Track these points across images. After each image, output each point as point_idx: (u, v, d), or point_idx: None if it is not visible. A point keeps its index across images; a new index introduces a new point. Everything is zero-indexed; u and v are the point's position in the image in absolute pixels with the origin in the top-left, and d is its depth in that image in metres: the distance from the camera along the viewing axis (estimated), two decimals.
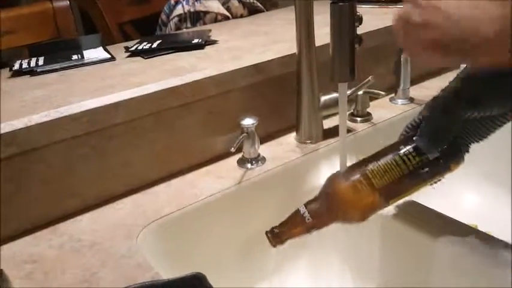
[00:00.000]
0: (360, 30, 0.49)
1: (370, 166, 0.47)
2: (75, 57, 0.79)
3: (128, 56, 0.80)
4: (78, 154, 0.58)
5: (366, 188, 0.46)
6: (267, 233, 0.49)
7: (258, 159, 0.66)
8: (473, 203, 0.83)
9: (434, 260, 0.51)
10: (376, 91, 0.73)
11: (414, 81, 0.86)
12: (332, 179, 0.49)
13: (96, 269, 0.49)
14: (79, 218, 0.59)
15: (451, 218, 0.53)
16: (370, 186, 0.46)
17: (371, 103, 0.78)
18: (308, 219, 0.47)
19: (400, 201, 0.50)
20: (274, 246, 0.49)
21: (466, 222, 0.53)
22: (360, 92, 0.73)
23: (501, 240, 0.48)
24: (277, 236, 0.48)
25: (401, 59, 0.79)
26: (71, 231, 0.56)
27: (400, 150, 0.46)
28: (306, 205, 0.48)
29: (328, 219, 0.48)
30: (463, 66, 0.47)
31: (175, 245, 0.57)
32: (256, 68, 0.68)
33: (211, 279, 0.43)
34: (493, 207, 0.80)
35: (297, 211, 0.48)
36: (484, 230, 0.51)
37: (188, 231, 0.58)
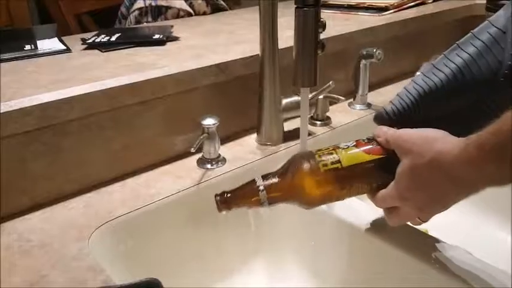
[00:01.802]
0: (321, 35, 0.50)
1: (343, 153, 0.46)
2: (28, 47, 0.75)
3: (85, 49, 0.77)
4: (29, 150, 0.55)
5: (332, 173, 0.45)
6: (216, 196, 0.47)
7: (218, 160, 0.66)
8: None
9: (383, 262, 0.52)
10: (335, 96, 0.75)
11: (372, 87, 0.89)
12: (298, 158, 0.48)
13: (45, 271, 0.47)
14: (28, 216, 0.56)
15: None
16: (335, 171, 0.46)
17: (330, 107, 0.79)
18: (262, 192, 0.46)
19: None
20: (220, 211, 0.47)
21: (417, 227, 0.55)
22: (320, 97, 0.74)
23: (449, 245, 0.50)
24: (226, 201, 0.47)
25: (360, 66, 0.81)
26: (19, 230, 0.53)
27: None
28: (263, 177, 0.47)
29: (282, 197, 0.47)
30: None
31: (128, 247, 0.56)
32: (219, 67, 0.68)
33: (167, 282, 0.42)
34: (444, 213, 0.84)
35: (253, 181, 0.47)
36: (434, 235, 0.53)
37: (143, 233, 0.57)
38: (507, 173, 0.34)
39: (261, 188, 0.46)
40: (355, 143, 0.48)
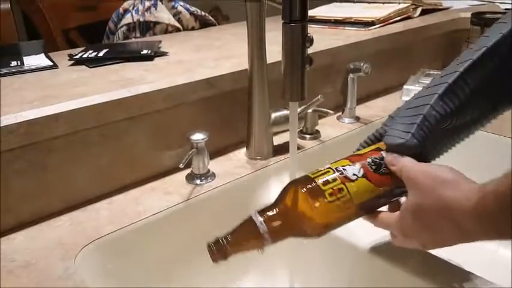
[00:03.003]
0: (309, 49, 0.50)
1: (353, 186, 0.42)
2: (14, 63, 0.74)
3: (72, 65, 0.76)
4: (13, 168, 0.54)
5: (343, 200, 0.42)
6: (210, 245, 0.41)
7: (208, 175, 0.65)
8: None
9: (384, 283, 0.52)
10: (324, 110, 0.75)
11: (360, 101, 0.89)
12: (295, 185, 0.43)
13: None
14: (13, 236, 0.55)
15: None
16: (345, 198, 0.42)
17: (319, 121, 0.79)
18: (264, 230, 0.40)
19: None
20: (216, 261, 0.41)
21: None
22: (309, 110, 0.75)
23: (440, 258, 0.49)
24: (223, 249, 0.40)
25: (348, 79, 0.82)
26: (3, 250, 0.52)
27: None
28: (260, 213, 0.41)
29: (287, 229, 0.41)
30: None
31: (116, 266, 0.54)
32: (207, 82, 0.67)
33: None
34: None
35: (250, 220, 0.41)
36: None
37: (130, 252, 0.56)
38: None
39: (261, 223, 0.40)
40: (363, 171, 0.43)
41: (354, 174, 0.42)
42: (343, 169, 0.43)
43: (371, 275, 0.53)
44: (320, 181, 0.42)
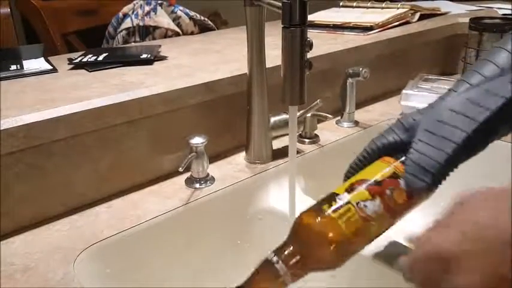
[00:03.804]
0: (308, 54, 0.50)
1: (375, 226, 0.40)
2: (13, 67, 0.75)
3: (72, 69, 0.76)
4: (13, 171, 0.54)
5: (363, 237, 0.40)
6: None
7: (207, 179, 0.65)
8: (417, 228, 0.85)
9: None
10: (323, 114, 0.75)
11: (359, 105, 0.89)
12: (301, 217, 0.41)
13: None
14: (11, 239, 0.54)
15: (396, 241, 0.54)
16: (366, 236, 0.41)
17: (318, 125, 0.79)
18: (282, 269, 0.38)
19: None
20: None
21: (409, 246, 0.54)
22: (308, 115, 0.75)
23: None
24: None
25: (347, 84, 0.82)
26: (2, 254, 0.52)
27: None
28: (276, 253, 0.39)
29: (306, 265, 0.39)
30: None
31: (115, 270, 0.54)
32: (207, 86, 0.68)
33: None
34: None
35: (267, 261, 0.39)
36: None
37: (130, 256, 0.56)
38: None
39: (280, 265, 0.38)
40: (383, 207, 0.41)
41: (375, 212, 0.41)
42: (364, 206, 0.40)
43: (371, 277, 0.53)
44: (340, 221, 0.39)
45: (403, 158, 0.43)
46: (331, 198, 0.41)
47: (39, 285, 0.47)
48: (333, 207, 0.40)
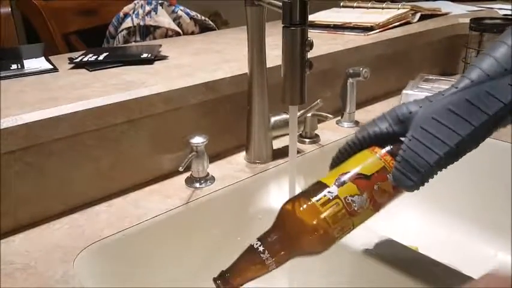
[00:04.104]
0: (309, 54, 0.51)
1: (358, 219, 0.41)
2: (14, 66, 0.75)
3: (72, 68, 0.76)
4: (13, 170, 0.54)
5: (346, 229, 0.41)
6: (215, 280, 0.41)
7: (207, 179, 0.65)
8: (414, 226, 0.86)
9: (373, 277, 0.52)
10: (323, 114, 0.75)
11: (359, 105, 0.89)
12: (288, 205, 0.42)
13: None
14: (11, 238, 0.55)
15: (393, 240, 0.54)
16: (348, 227, 0.41)
17: (319, 125, 0.79)
18: (265, 255, 0.40)
19: None
20: None
21: (407, 245, 0.54)
22: (309, 115, 0.75)
23: (438, 262, 0.49)
24: (229, 282, 0.40)
25: (347, 84, 0.82)
26: (2, 253, 0.52)
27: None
28: (259, 239, 0.41)
29: (289, 252, 0.41)
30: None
31: (115, 269, 0.54)
32: (207, 86, 0.68)
33: None
34: (433, 230, 0.84)
35: (251, 248, 0.41)
36: (424, 253, 0.53)
37: (130, 255, 0.56)
38: None
39: (261, 249, 0.40)
40: (369, 203, 0.42)
41: (361, 207, 0.41)
42: (352, 201, 0.41)
43: (370, 278, 0.53)
44: (327, 215, 0.40)
45: (389, 148, 0.43)
46: (319, 189, 0.42)
47: (39, 284, 0.47)
48: (321, 201, 0.41)
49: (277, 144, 0.74)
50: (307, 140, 0.78)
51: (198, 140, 0.61)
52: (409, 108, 0.43)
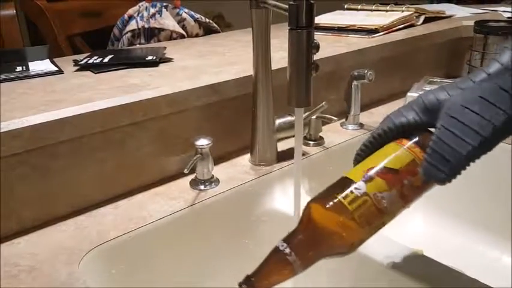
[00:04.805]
0: (314, 56, 0.50)
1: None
2: (19, 68, 0.75)
3: (77, 70, 0.76)
4: (17, 173, 0.54)
5: (376, 224, 0.39)
6: (240, 284, 0.39)
7: (212, 181, 0.65)
8: (419, 229, 0.85)
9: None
10: (328, 116, 0.75)
11: (364, 108, 0.89)
12: (315, 202, 0.40)
13: None
14: (16, 240, 0.55)
15: (398, 243, 0.54)
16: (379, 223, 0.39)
17: (323, 128, 0.79)
18: (291, 257, 0.38)
19: None
20: None
21: (412, 248, 0.54)
22: (313, 117, 0.75)
23: (443, 265, 0.49)
24: (255, 285, 0.38)
25: (352, 86, 0.82)
26: (7, 255, 0.52)
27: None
28: (285, 240, 0.39)
29: (316, 253, 0.39)
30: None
31: (121, 271, 0.54)
32: (212, 88, 0.68)
33: None
34: (438, 233, 0.84)
35: (276, 249, 0.38)
36: (429, 256, 0.52)
37: (136, 257, 0.56)
38: None
39: (287, 251, 0.38)
40: (399, 198, 0.40)
41: (391, 203, 0.39)
42: (382, 198, 0.39)
43: (374, 280, 0.53)
44: (356, 213, 0.38)
45: (418, 139, 0.41)
46: (345, 185, 0.40)
47: (44, 286, 0.47)
48: (349, 198, 0.39)
49: (281, 146, 0.73)
50: (311, 143, 0.77)
51: (202, 142, 0.61)
52: (437, 95, 0.40)
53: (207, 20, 1.14)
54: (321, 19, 1.12)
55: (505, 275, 0.70)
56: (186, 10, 1.13)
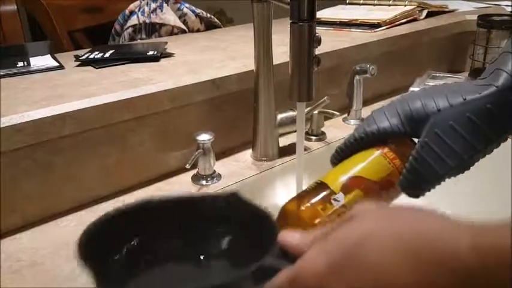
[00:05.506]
0: (315, 51, 0.50)
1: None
2: (20, 64, 0.75)
3: (78, 65, 0.76)
4: (20, 167, 0.54)
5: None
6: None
7: (213, 176, 0.65)
8: None
9: None
10: (330, 111, 0.75)
11: (366, 102, 0.89)
12: (290, 205, 0.43)
13: None
14: (19, 235, 0.55)
15: None
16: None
17: (325, 123, 0.79)
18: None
19: None
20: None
21: None
22: (315, 112, 0.74)
23: None
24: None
25: (354, 81, 0.81)
26: (10, 250, 0.52)
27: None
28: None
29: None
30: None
31: None
32: (214, 83, 0.67)
33: None
34: None
35: None
36: None
37: None
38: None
39: None
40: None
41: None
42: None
43: None
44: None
45: (400, 149, 0.42)
46: (326, 198, 0.41)
47: (46, 281, 0.47)
48: (328, 211, 0.40)
49: (283, 141, 0.73)
50: (313, 138, 0.77)
51: (204, 137, 0.61)
52: (425, 105, 0.40)
53: (208, 15, 1.13)
54: (323, 13, 1.11)
55: None
56: (187, 5, 1.13)
